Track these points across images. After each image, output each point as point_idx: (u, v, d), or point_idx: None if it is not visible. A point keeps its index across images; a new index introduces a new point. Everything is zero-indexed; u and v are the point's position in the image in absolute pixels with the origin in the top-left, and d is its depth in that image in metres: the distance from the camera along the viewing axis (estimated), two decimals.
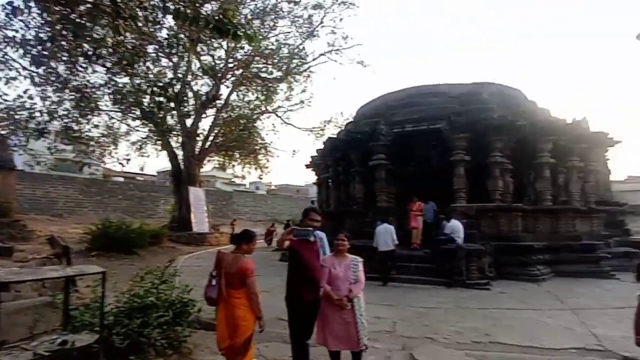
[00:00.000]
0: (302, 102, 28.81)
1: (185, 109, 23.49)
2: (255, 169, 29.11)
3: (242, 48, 22.75)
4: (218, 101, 25.64)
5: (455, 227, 9.96)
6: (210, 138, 27.45)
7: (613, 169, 18.26)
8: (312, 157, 18.91)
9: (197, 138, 26.39)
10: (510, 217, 11.14)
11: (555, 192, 13.06)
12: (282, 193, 67.64)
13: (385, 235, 9.84)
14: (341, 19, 23.32)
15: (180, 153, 25.40)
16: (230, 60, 23.83)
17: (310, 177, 22.95)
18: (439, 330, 5.91)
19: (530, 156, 13.06)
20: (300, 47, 24.42)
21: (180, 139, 25.11)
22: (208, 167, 31.89)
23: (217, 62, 23.41)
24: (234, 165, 29.38)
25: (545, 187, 12.37)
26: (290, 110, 29.15)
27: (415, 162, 13.35)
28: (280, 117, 29.17)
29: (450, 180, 11.92)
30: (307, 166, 19.72)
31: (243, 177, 32.45)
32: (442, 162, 12.39)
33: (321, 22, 22.98)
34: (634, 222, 18.17)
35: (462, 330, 5.93)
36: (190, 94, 23.96)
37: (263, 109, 28.02)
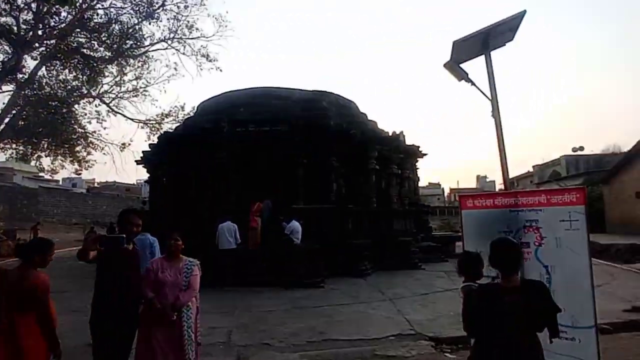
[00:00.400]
0: (135, 89, 25.73)
1: None
2: (72, 162, 24.42)
3: (58, 14, 18.86)
4: (20, 75, 20.67)
5: (294, 227, 10.15)
6: (6, 121, 21.87)
7: (420, 176, 22.04)
8: (144, 152, 16.89)
9: None
10: (342, 218, 12.02)
11: (379, 196, 14.79)
12: (108, 192, 59.03)
13: (228, 234, 9.41)
14: (186, 6, 21.53)
15: None
16: (41, 26, 19.45)
17: (144, 174, 20.40)
18: (275, 334, 5.76)
19: (360, 163, 14.46)
20: (137, 27, 21.61)
21: None
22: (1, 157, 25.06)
23: (23, 26, 18.82)
24: (39, 157, 23.91)
25: (371, 191, 13.86)
26: (121, 98, 25.66)
27: (257, 163, 13.18)
28: (107, 104, 25.36)
29: (291, 181, 12.18)
30: (139, 162, 17.52)
31: (53, 172, 26.88)
32: (283, 163, 12.57)
33: (162, 5, 20.84)
34: (433, 221, 22.30)
35: (298, 331, 5.92)
36: None
37: (85, 92, 23.85)
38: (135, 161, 17.73)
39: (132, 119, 25.45)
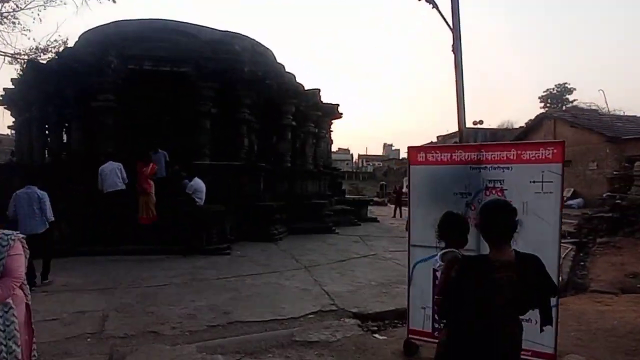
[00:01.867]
0: (0, 14, 20.45)
1: None
2: None
3: None
4: None
5: (198, 186, 8.73)
6: None
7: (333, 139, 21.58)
8: (5, 90, 13.41)
9: None
10: (253, 177, 10.84)
11: (293, 155, 13.84)
12: None
13: (112, 174, 7.97)
14: None
15: None
16: None
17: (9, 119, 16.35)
18: (167, 318, 4.55)
19: (275, 118, 13.22)
20: None
21: None
22: None
23: None
24: None
25: (286, 149, 12.83)
26: None
27: (153, 109, 11.15)
28: None
29: (195, 134, 10.53)
30: (1, 102, 13.92)
31: None
32: (186, 112, 10.79)
33: None
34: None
35: (197, 311, 4.79)
36: None
37: None
38: None
39: None
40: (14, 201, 5.70)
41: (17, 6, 19.40)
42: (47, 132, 12.48)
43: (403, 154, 72.16)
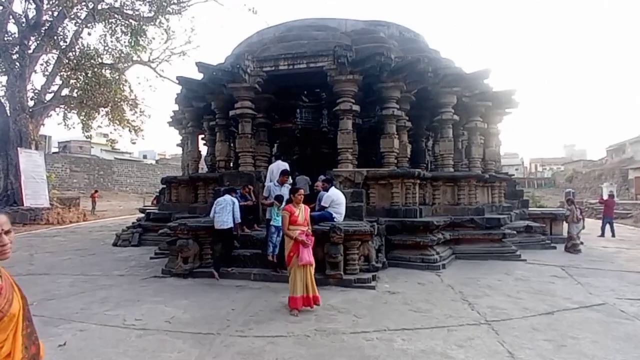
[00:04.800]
0: (183, 52, 23.87)
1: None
2: (128, 130, 23.48)
3: None
4: (59, 39, 19.57)
5: (336, 197, 7.05)
6: (54, 88, 21.15)
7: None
8: (174, 111, 14.66)
9: (29, 85, 20.04)
10: (406, 186, 8.64)
11: (456, 158, 11.12)
12: (174, 162, 60.82)
13: (224, 210, 6.98)
14: None
15: (7, 104, 19.01)
16: None
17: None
18: None
19: (431, 113, 10.80)
20: None
21: None
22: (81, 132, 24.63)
23: None
24: (88, 126, 22.91)
25: (448, 150, 10.21)
26: (167, 61, 24.02)
27: (292, 113, 10.17)
28: (154, 68, 23.86)
29: (335, 136, 9.01)
30: (170, 124, 15.38)
31: (113, 142, 26.48)
32: (326, 114, 9.42)
33: None
34: None
35: None
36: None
37: (133, 56, 22.52)
38: (168, 122, 15.63)
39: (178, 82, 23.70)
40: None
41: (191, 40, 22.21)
42: (205, 145, 13.00)
43: (593, 155, 58.48)
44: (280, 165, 8.89)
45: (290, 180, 7.94)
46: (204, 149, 12.90)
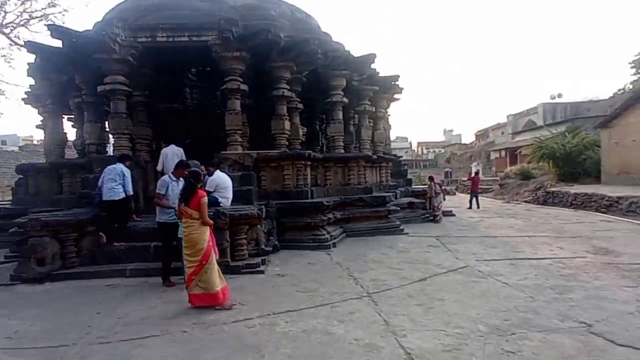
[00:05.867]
0: (45, 15, 20.32)
1: None
2: None
3: None
4: None
5: (221, 181, 6.65)
6: None
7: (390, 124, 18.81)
8: (31, 86, 12.40)
9: None
10: (297, 168, 8.59)
11: (346, 140, 11.46)
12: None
13: (114, 180, 6.44)
14: None
15: None
16: None
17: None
18: None
19: (323, 96, 10.90)
20: None
21: None
22: None
23: None
24: None
25: (338, 132, 10.46)
26: (25, 26, 20.32)
27: (181, 92, 9.36)
28: (7, 35, 20.01)
29: (221, 117, 8.51)
30: (26, 101, 12.98)
31: None
32: (209, 91, 8.84)
33: None
34: None
35: None
36: None
37: None
38: (22, 99, 13.17)
39: None
40: None
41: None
42: (73, 127, 11.29)
43: (466, 139, 66.54)
44: (175, 149, 8.17)
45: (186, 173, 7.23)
46: (73, 132, 11.21)
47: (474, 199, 15.27)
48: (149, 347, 3.57)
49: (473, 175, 17.09)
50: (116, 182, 6.48)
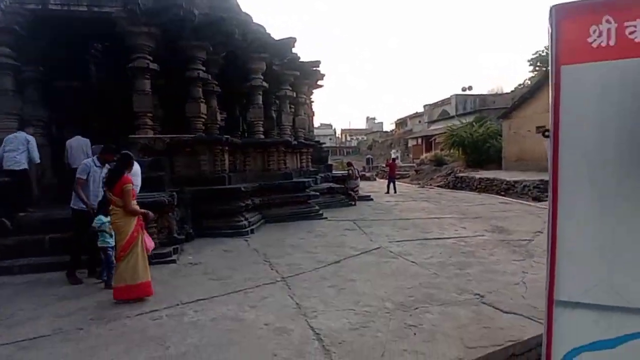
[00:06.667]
0: None
1: None
2: None
3: None
4: None
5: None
6: None
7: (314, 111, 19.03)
8: None
9: None
10: (214, 153, 8.32)
11: (266, 125, 11.32)
12: None
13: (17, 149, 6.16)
14: None
15: None
16: None
17: None
18: None
19: (241, 78, 10.60)
20: None
21: None
22: None
23: None
24: None
25: (258, 117, 10.28)
26: None
27: (84, 69, 8.45)
28: None
29: (127, 99, 7.88)
30: None
31: None
32: (115, 70, 8.13)
33: None
34: None
35: None
36: None
37: None
38: None
39: None
40: None
41: None
42: None
43: (387, 127, 69.89)
44: (82, 141, 7.50)
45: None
46: None
47: (391, 184, 16.14)
48: (36, 348, 3.23)
49: (390, 161, 18.03)
50: (19, 152, 6.07)
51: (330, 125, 78.50)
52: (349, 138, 76.45)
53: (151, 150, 7.55)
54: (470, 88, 38.00)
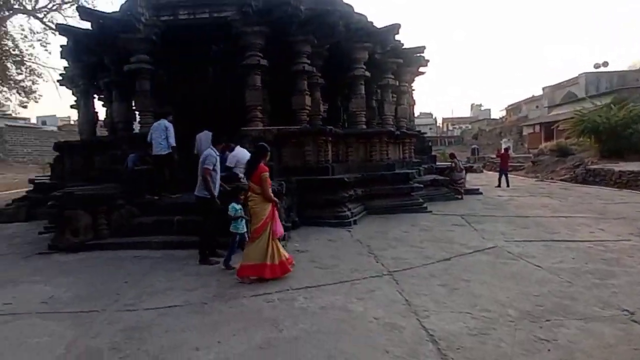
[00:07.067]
0: (76, 0, 20.61)
1: None
2: (16, 91, 20.18)
3: None
4: None
5: (241, 157, 6.62)
6: None
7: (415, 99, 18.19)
8: (65, 68, 12.68)
9: None
10: (318, 144, 8.50)
11: (368, 115, 11.18)
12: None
13: (159, 135, 7.17)
14: None
15: None
16: None
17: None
18: None
19: (344, 68, 10.61)
20: None
21: None
22: None
23: None
24: None
25: (360, 107, 10.22)
26: (57, 11, 20.64)
27: (195, 68, 9.33)
28: (41, 19, 20.39)
29: (242, 95, 8.44)
30: (61, 82, 13.32)
31: None
32: (231, 68, 8.75)
33: None
34: None
35: None
36: None
37: (14, 3, 18.95)
38: (58, 81, 13.52)
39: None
40: None
41: None
42: (104, 106, 11.56)
43: (495, 114, 64.13)
44: (209, 135, 8.22)
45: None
46: (103, 111, 11.53)
47: (503, 177, 14.76)
48: (171, 316, 3.66)
49: (502, 151, 16.45)
50: (162, 138, 7.07)
51: (430, 114, 75.06)
52: (450, 127, 72.23)
53: (261, 141, 7.97)
54: (605, 64, 32.58)
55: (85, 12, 8.42)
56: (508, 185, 14.44)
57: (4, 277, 5.05)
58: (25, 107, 24.67)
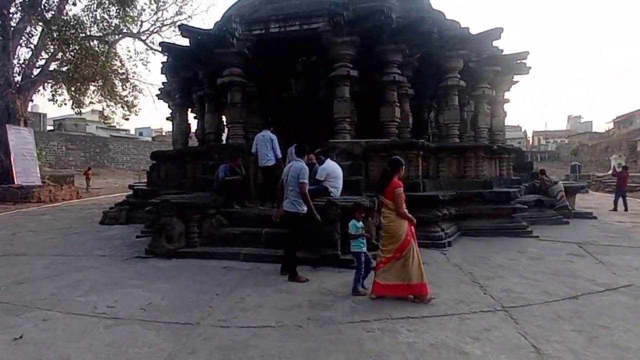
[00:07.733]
0: (174, 23, 22.79)
1: None
2: (121, 106, 22.74)
3: None
4: (43, 9, 18.48)
5: (331, 170, 6.42)
6: (41, 63, 20.21)
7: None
8: (163, 83, 13.83)
9: (15, 60, 19.17)
10: (409, 158, 7.97)
11: (460, 128, 10.38)
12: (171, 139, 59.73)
13: (265, 147, 7.25)
14: None
15: None
16: None
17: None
18: None
19: (435, 80, 10.01)
20: None
21: None
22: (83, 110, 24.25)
23: None
24: (79, 102, 21.93)
25: (453, 119, 9.49)
26: (158, 33, 22.95)
27: (287, 81, 9.41)
28: (144, 40, 22.81)
29: (331, 105, 8.27)
30: (159, 96, 14.58)
31: (105, 118, 25.70)
32: (320, 78, 8.67)
33: None
34: None
35: None
36: None
37: (122, 28, 21.50)
38: (156, 95, 14.83)
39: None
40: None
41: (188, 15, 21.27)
42: (195, 118, 12.31)
43: (598, 127, 57.25)
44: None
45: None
46: (194, 123, 12.25)
47: (619, 199, 12.76)
48: (266, 337, 3.43)
49: (620, 169, 14.28)
50: (267, 149, 7.16)
51: (519, 127, 69.42)
52: (543, 141, 66.04)
53: (349, 155, 7.73)
54: None
55: (185, 30, 8.97)
56: (626, 209, 12.43)
57: (109, 279, 5.32)
58: (127, 119, 27.52)
